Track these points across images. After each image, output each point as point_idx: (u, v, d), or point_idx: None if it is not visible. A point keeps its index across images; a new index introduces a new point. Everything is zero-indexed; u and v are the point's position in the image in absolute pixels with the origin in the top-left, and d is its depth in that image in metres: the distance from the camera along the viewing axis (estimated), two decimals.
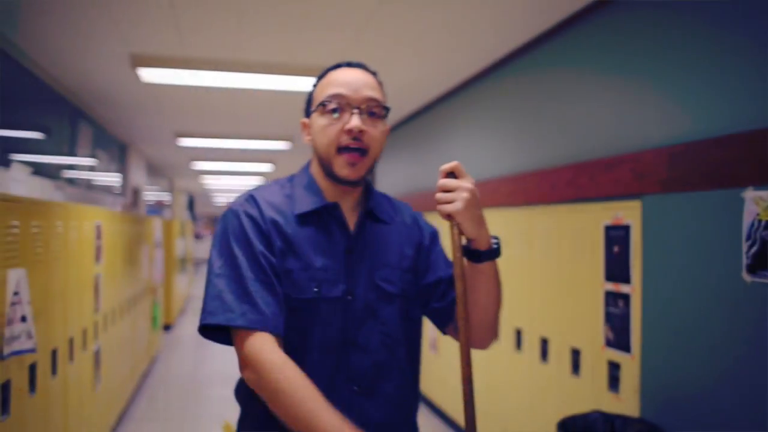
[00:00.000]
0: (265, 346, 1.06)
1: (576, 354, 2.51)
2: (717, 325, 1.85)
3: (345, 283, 1.17)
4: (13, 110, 3.20)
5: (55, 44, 3.10)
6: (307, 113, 1.25)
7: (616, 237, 2.28)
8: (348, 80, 1.18)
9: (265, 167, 9.04)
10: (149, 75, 3.41)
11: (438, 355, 4.09)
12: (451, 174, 1.13)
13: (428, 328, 3.72)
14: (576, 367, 2.51)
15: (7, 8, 2.62)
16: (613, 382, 2.28)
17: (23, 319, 1.98)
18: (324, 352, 1.14)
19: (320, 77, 1.24)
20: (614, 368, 2.28)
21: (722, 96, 1.89)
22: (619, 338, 2.25)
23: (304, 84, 3.69)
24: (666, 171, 2.06)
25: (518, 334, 3.01)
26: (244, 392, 1.17)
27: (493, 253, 1.15)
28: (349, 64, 1.23)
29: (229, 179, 11.37)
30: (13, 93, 3.19)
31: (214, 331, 1.13)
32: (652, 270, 2.12)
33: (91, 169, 4.92)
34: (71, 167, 4.23)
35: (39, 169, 3.45)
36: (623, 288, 2.24)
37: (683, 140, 2.02)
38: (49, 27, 2.85)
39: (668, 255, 2.05)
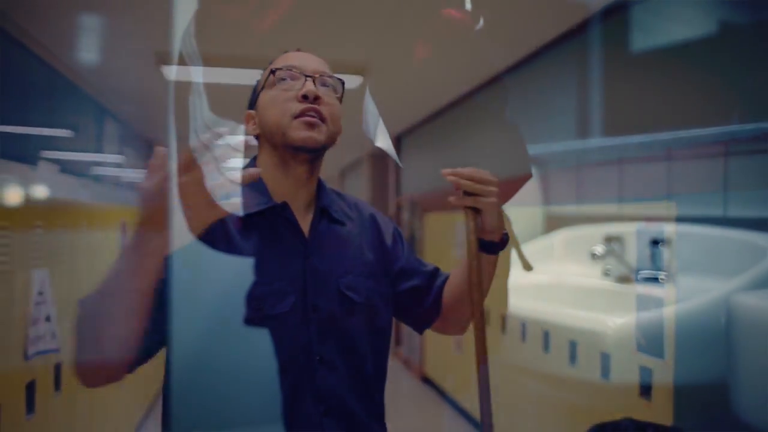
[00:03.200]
0: None
1: (606, 358, 2.44)
2: None
3: (298, 294, 1.02)
4: (39, 109, 3.23)
5: (79, 41, 3.12)
6: (252, 104, 1.13)
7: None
8: (298, 56, 1.12)
9: None
10: (173, 73, 3.41)
11: (463, 356, 4.03)
12: None
13: None
14: (606, 371, 2.43)
15: (31, 8, 2.63)
16: (645, 388, 2.20)
17: (48, 318, 1.99)
18: (282, 374, 1.00)
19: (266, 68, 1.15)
20: (646, 374, 2.20)
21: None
22: (651, 342, 2.17)
23: None
24: (699, 170, 1.97)
25: (546, 335, 2.94)
26: None
27: (505, 243, 1.13)
28: (299, 50, 1.17)
29: None
30: (38, 91, 3.22)
31: None
32: (687, 271, 2.03)
33: (118, 166, 4.97)
34: (98, 164, 4.27)
35: (65, 167, 3.48)
36: (656, 290, 2.15)
37: (723, 138, 1.92)
38: (73, 24, 2.85)
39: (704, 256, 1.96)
